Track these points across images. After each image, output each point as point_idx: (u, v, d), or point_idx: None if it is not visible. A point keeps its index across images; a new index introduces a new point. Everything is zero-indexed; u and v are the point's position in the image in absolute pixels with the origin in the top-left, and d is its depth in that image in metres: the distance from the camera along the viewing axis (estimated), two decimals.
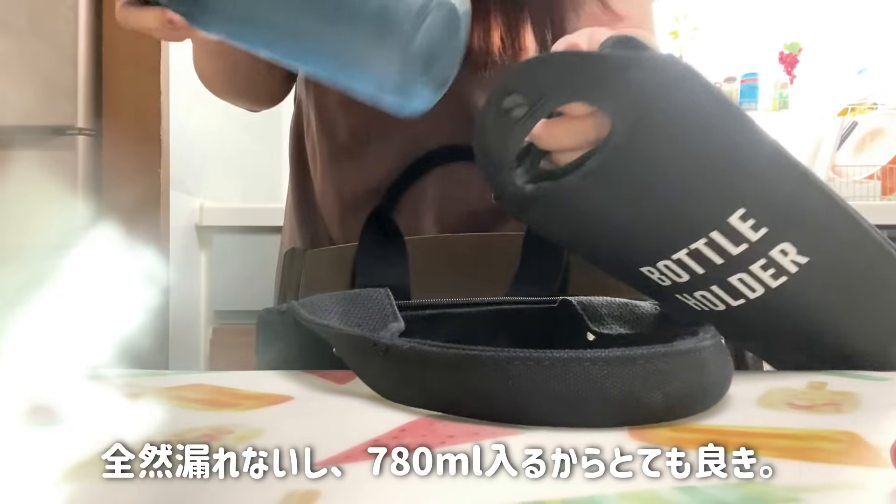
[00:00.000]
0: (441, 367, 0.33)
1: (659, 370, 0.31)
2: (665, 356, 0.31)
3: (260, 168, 2.01)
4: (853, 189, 1.85)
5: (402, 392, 0.35)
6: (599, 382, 0.30)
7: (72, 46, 1.35)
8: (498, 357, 0.31)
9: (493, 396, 0.31)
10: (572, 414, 0.31)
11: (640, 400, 0.31)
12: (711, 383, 0.34)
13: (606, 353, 0.31)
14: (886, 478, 0.24)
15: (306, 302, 0.44)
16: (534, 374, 0.31)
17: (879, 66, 2.11)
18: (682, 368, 0.32)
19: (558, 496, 0.23)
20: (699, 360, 0.33)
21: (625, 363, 0.31)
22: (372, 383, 0.37)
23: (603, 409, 0.31)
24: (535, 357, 0.31)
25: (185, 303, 1.55)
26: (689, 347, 0.33)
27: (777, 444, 0.28)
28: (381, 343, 0.35)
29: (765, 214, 0.35)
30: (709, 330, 0.36)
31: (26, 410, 0.34)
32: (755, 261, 0.36)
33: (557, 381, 0.31)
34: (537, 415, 0.31)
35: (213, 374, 0.43)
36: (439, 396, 0.33)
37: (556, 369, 0.31)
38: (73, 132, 1.36)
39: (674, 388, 0.31)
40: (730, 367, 0.35)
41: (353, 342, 0.38)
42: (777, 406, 0.35)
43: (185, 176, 1.56)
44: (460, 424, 0.31)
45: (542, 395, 0.31)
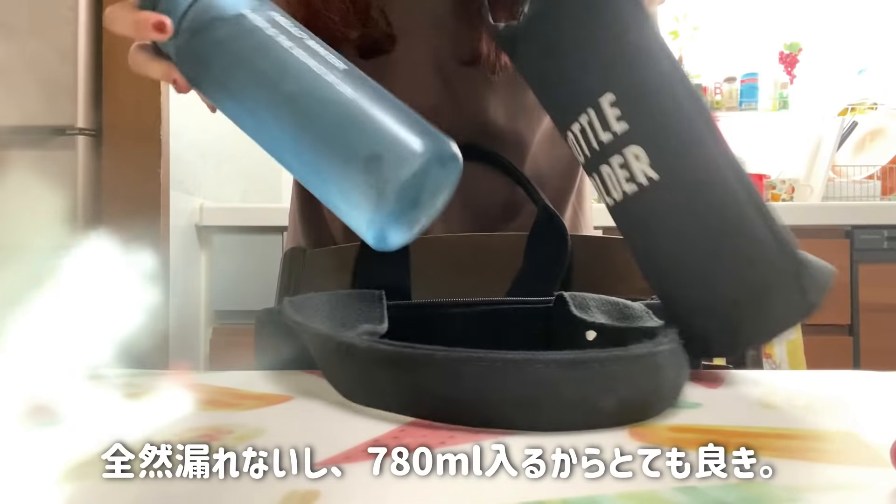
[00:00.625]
0: (395, 367, 0.32)
1: (613, 374, 0.31)
2: (619, 360, 0.31)
3: (260, 168, 2.01)
4: (853, 189, 1.85)
5: (361, 393, 0.34)
6: (552, 385, 0.30)
7: (72, 46, 1.35)
8: (451, 357, 0.31)
9: (447, 398, 0.31)
10: (525, 417, 0.30)
11: (593, 403, 0.31)
12: (666, 387, 0.33)
13: (560, 356, 0.30)
14: (886, 478, 0.24)
15: (296, 300, 0.44)
16: (487, 376, 0.30)
17: (879, 66, 2.11)
18: (637, 373, 0.32)
19: (558, 496, 0.23)
20: (654, 365, 0.32)
21: (578, 366, 0.30)
22: (334, 383, 0.36)
23: (556, 412, 0.30)
24: (488, 358, 0.30)
25: (185, 303, 1.55)
26: (644, 352, 0.32)
27: (777, 444, 0.28)
28: (342, 342, 0.35)
29: (630, 109, 0.36)
30: (668, 334, 0.35)
31: (26, 410, 0.34)
32: (614, 154, 0.36)
33: (510, 382, 0.30)
34: (490, 417, 0.30)
35: (213, 374, 0.43)
36: (394, 397, 0.33)
37: (509, 371, 0.30)
38: (73, 132, 1.36)
39: (628, 391, 0.31)
40: (686, 370, 0.35)
41: (318, 340, 0.37)
42: (777, 406, 0.35)
43: (185, 176, 1.56)
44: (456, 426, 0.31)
45: (495, 397, 0.30)
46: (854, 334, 1.57)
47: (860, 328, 1.57)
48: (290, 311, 0.42)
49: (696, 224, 0.36)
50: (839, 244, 1.58)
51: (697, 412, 0.34)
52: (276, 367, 0.45)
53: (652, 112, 0.36)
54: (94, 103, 1.40)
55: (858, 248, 1.58)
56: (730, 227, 0.35)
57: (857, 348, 1.57)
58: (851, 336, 1.58)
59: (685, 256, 0.37)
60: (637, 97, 0.36)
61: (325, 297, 0.43)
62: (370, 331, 0.38)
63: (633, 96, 0.36)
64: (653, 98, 0.36)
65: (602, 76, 0.37)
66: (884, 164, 1.85)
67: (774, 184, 1.85)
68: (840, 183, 1.87)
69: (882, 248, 1.58)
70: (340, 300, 0.42)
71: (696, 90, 0.37)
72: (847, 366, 1.55)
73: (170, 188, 1.46)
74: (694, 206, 0.36)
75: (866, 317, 1.57)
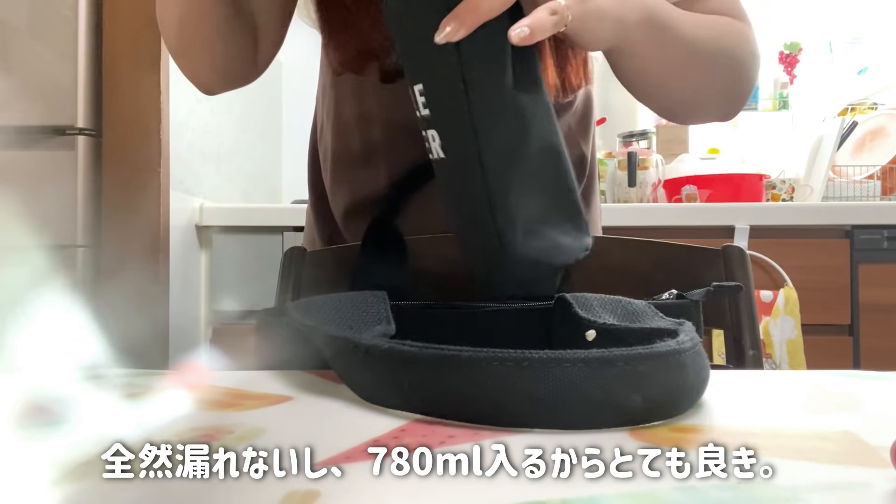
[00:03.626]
0: (419, 368, 0.32)
1: (638, 372, 0.31)
2: (645, 358, 0.31)
3: (260, 168, 2.01)
4: (853, 189, 1.85)
5: (383, 394, 0.34)
6: (579, 384, 0.30)
7: (72, 46, 1.35)
8: (476, 357, 0.31)
9: (472, 397, 0.31)
10: (551, 416, 0.30)
11: (619, 402, 0.30)
12: (689, 386, 0.33)
13: (585, 354, 0.30)
14: (886, 478, 0.24)
15: (301, 303, 0.44)
16: (512, 375, 0.30)
17: (879, 66, 2.11)
18: (662, 370, 0.32)
19: (558, 496, 0.23)
20: (678, 363, 0.32)
21: (604, 365, 0.30)
22: (353, 386, 0.36)
23: (582, 411, 0.30)
24: (513, 357, 0.30)
25: (185, 303, 1.55)
26: (668, 350, 0.32)
27: (777, 444, 0.28)
28: (361, 344, 0.35)
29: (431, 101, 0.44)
30: (688, 332, 0.36)
31: (26, 410, 0.34)
32: (426, 129, 0.45)
33: (536, 382, 0.30)
34: (515, 417, 0.31)
35: (213, 373, 0.43)
36: (418, 398, 0.33)
37: (535, 370, 0.30)
38: (73, 132, 1.36)
39: (653, 390, 0.31)
40: (707, 369, 0.35)
41: (336, 343, 0.38)
42: (777, 406, 0.35)
43: (185, 176, 1.56)
44: (460, 424, 0.31)
45: (521, 396, 0.30)
46: (854, 334, 1.57)
47: (860, 328, 1.57)
48: (298, 314, 0.42)
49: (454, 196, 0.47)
50: (839, 244, 1.58)
51: (697, 412, 0.34)
52: (279, 367, 0.45)
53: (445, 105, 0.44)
54: (94, 103, 1.40)
55: (858, 248, 1.58)
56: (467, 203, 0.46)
57: (857, 348, 1.57)
58: (851, 336, 1.58)
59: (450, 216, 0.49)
60: (437, 92, 0.44)
61: (329, 300, 0.43)
62: (383, 332, 0.38)
63: (434, 94, 0.44)
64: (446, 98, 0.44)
65: (419, 68, 0.45)
66: (884, 164, 1.85)
67: (774, 184, 1.85)
68: (840, 183, 1.87)
69: (882, 248, 1.58)
70: (345, 302, 0.42)
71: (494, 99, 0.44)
72: (847, 366, 1.55)
73: (170, 188, 1.46)
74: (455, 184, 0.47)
75: (866, 317, 1.57)
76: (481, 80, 0.43)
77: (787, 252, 1.56)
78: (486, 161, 0.43)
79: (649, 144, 1.99)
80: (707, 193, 1.74)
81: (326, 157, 0.72)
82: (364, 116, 0.67)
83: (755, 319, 0.68)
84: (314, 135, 0.76)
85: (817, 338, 1.54)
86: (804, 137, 2.00)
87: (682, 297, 0.51)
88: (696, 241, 0.86)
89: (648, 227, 1.56)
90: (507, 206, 0.44)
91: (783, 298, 1.51)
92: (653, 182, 1.85)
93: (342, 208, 0.71)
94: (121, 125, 1.41)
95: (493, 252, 0.44)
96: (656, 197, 1.85)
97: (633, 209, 1.60)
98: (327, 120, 0.71)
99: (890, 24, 2.12)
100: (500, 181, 0.44)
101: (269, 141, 2.05)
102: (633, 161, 1.81)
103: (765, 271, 1.56)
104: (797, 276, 1.54)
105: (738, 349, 0.68)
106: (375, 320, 0.40)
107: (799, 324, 1.50)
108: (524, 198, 0.45)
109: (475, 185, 0.44)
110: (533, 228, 0.45)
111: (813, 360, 1.51)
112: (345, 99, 0.69)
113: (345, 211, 0.71)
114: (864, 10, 2.14)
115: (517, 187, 0.44)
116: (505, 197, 0.44)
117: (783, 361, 1.50)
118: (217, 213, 1.63)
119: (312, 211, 0.77)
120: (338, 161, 0.70)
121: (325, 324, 0.40)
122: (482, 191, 0.44)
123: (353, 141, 0.69)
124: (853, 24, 2.15)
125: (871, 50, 2.14)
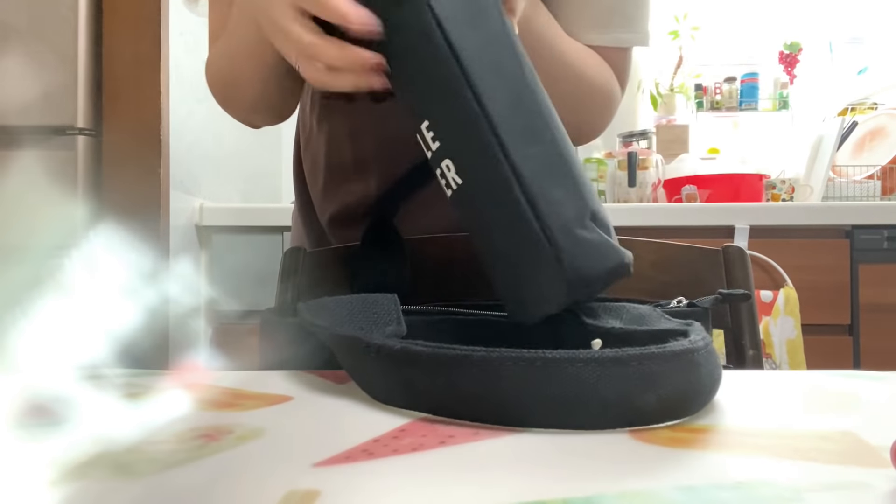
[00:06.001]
0: (432, 368, 0.32)
1: (652, 372, 0.31)
2: (658, 357, 0.31)
3: (260, 168, 2.01)
4: (853, 189, 1.85)
5: (394, 394, 0.34)
6: (593, 384, 0.30)
7: (72, 46, 1.35)
8: (489, 357, 0.31)
9: (485, 398, 0.31)
10: (565, 416, 0.30)
11: (633, 402, 0.31)
12: (703, 385, 0.33)
13: (599, 354, 0.30)
14: (886, 478, 0.24)
15: (312, 304, 0.44)
16: (526, 375, 0.30)
17: (879, 66, 2.11)
18: (675, 370, 0.32)
19: (558, 496, 0.23)
20: (692, 362, 0.32)
21: (618, 364, 0.30)
22: (365, 386, 0.37)
23: (596, 411, 0.30)
24: (527, 357, 0.30)
25: (185, 303, 1.55)
26: (682, 349, 0.32)
27: (777, 444, 0.28)
28: (372, 344, 0.35)
29: (440, 132, 0.43)
30: (699, 332, 0.36)
31: (26, 410, 0.34)
32: (437, 165, 0.44)
33: (550, 382, 0.30)
34: (530, 417, 0.31)
35: (213, 373, 0.43)
36: (431, 398, 0.33)
37: (549, 370, 0.30)
38: (73, 132, 1.36)
39: (667, 389, 0.31)
40: (720, 369, 0.35)
41: (347, 343, 0.38)
42: (777, 406, 0.36)
43: (185, 176, 1.56)
44: (460, 424, 0.31)
45: (535, 396, 0.30)
46: (854, 334, 1.57)
47: (860, 328, 1.57)
48: (309, 315, 0.42)
49: (482, 217, 0.44)
50: (839, 244, 1.58)
51: (697, 412, 0.34)
52: (283, 366, 0.45)
53: (457, 135, 0.43)
54: (94, 103, 1.40)
55: (858, 248, 1.58)
56: (504, 217, 0.42)
57: (857, 348, 1.57)
58: (851, 336, 1.58)
59: (479, 242, 0.45)
60: (445, 121, 0.43)
61: (340, 302, 0.43)
62: (395, 332, 0.38)
63: (443, 120, 0.43)
64: (455, 122, 0.43)
65: (419, 107, 0.44)
66: (884, 164, 1.85)
67: (774, 184, 1.85)
68: (840, 183, 1.87)
69: (882, 248, 1.58)
70: (356, 303, 0.42)
71: (502, 109, 0.42)
72: (847, 366, 1.55)
73: (170, 188, 1.46)
74: (481, 206, 0.43)
75: (866, 317, 1.57)
76: (492, 84, 0.42)
77: (787, 252, 1.56)
78: (515, 161, 0.41)
79: (649, 144, 2.00)
80: (707, 193, 1.74)
81: (316, 167, 0.72)
82: (356, 130, 0.69)
83: (755, 319, 0.69)
84: (298, 144, 0.77)
85: (817, 338, 1.54)
86: (804, 137, 2.00)
87: (694, 304, 0.50)
88: (696, 241, 0.86)
89: (648, 227, 1.56)
90: (550, 201, 0.41)
91: (783, 298, 1.51)
92: (653, 182, 1.85)
93: (329, 214, 0.72)
94: (121, 125, 1.41)
95: (545, 259, 0.41)
96: (656, 197, 1.86)
97: (633, 209, 1.60)
98: (318, 131, 0.71)
99: (890, 24, 2.12)
100: (536, 181, 0.42)
101: (268, 141, 2.05)
102: (633, 161, 1.81)
103: (765, 271, 1.56)
104: (797, 276, 1.54)
105: (738, 349, 0.68)
106: (386, 321, 0.40)
107: (799, 324, 1.50)
108: (557, 190, 0.42)
109: (512, 194, 0.41)
110: (575, 222, 0.42)
111: (813, 360, 1.51)
112: (336, 114, 0.69)
113: (331, 217, 0.72)
114: (864, 10, 2.14)
115: (549, 183, 0.42)
116: (545, 198, 0.41)
117: (783, 361, 1.51)
118: (217, 213, 1.63)
119: (300, 216, 0.78)
120: (330, 172, 0.71)
121: (337, 324, 0.40)
122: (521, 198, 0.41)
123: (346, 153, 0.69)
124: (853, 24, 2.15)
125: (871, 50, 2.14)
